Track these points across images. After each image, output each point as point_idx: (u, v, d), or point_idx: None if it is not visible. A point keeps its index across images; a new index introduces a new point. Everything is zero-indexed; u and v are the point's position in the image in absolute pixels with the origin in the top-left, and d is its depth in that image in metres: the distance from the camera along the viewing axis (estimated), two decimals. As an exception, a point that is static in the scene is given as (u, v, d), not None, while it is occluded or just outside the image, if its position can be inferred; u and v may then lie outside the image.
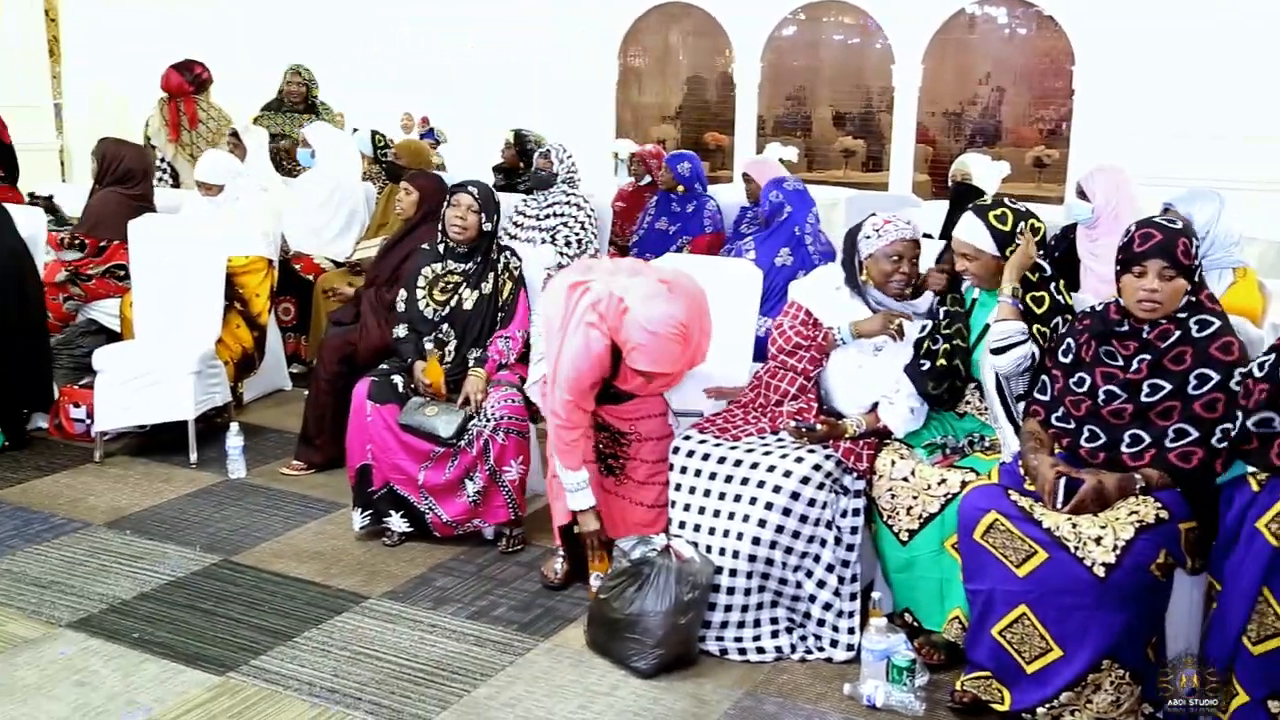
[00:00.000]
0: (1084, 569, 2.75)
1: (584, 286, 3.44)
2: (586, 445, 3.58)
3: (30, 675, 3.13)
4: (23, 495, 4.47)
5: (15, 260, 4.96)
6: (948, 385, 3.38)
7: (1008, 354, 3.16)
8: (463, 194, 4.13)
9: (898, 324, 3.49)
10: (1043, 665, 2.85)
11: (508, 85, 10.05)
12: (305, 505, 4.43)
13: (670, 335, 3.25)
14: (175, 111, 6.86)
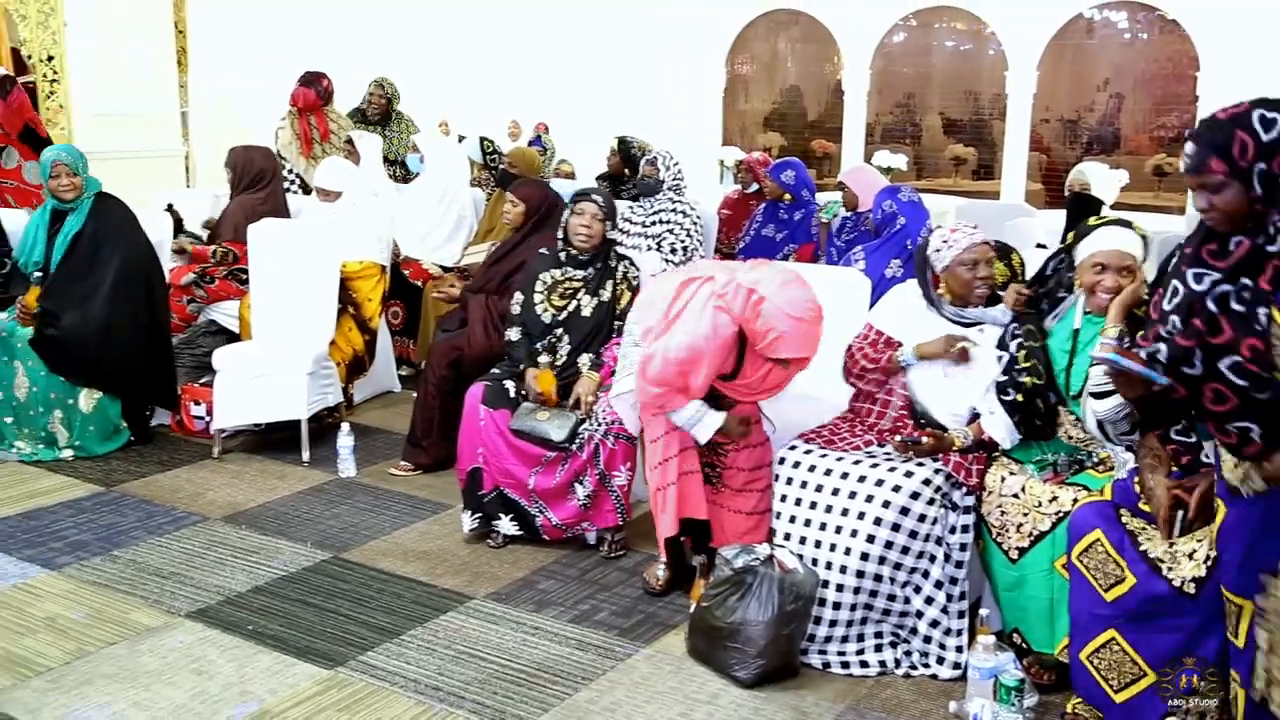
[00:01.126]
0: (1172, 588, 2.65)
1: (703, 279, 3.45)
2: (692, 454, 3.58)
3: (152, 662, 3.25)
4: (146, 489, 4.64)
5: (143, 262, 5.15)
6: (1030, 419, 3.28)
7: (1108, 400, 3.01)
8: (588, 203, 4.17)
9: (960, 346, 3.40)
10: (1134, 693, 2.75)
11: (615, 93, 10.11)
12: (412, 505, 4.51)
13: (813, 318, 3.26)
14: (307, 126, 7.03)
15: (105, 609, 3.57)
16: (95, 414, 5.01)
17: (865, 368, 3.51)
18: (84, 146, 5.95)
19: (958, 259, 3.43)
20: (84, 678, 3.15)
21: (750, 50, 11.56)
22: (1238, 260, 2.27)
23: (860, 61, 9.67)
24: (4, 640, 3.35)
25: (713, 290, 3.40)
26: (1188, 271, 2.36)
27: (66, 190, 5.02)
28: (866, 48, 9.65)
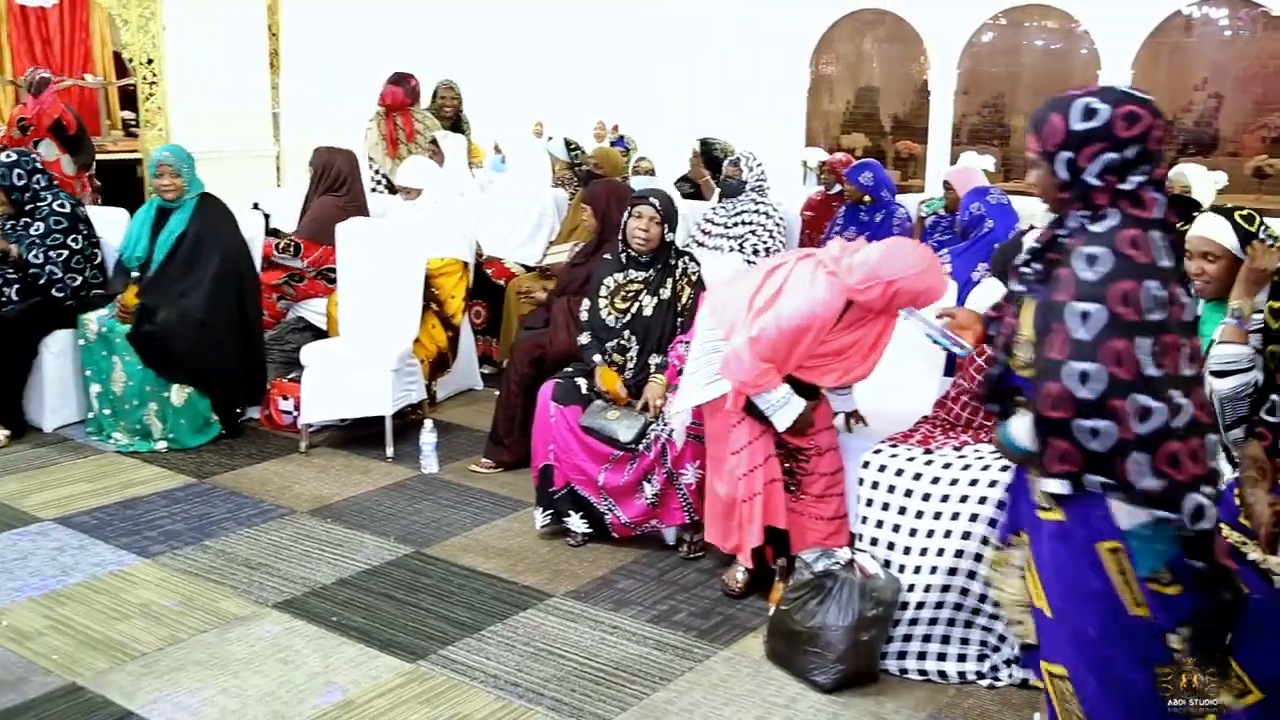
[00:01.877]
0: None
1: (796, 258, 3.48)
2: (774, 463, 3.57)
3: (240, 650, 3.32)
4: (236, 481, 4.75)
5: (238, 260, 5.27)
6: None
7: (1229, 379, 2.95)
8: (645, 205, 4.16)
9: None
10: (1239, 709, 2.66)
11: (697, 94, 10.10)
12: (493, 502, 4.55)
13: (928, 263, 3.30)
14: (393, 126, 7.14)
15: (196, 597, 3.67)
16: (187, 407, 5.14)
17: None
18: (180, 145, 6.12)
19: None
20: (176, 664, 3.24)
21: (835, 50, 11.47)
22: (1036, 245, 2.29)
23: (947, 61, 9.53)
24: (101, 625, 3.46)
25: (818, 261, 3.40)
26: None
27: (168, 190, 5.16)
28: (954, 47, 9.51)
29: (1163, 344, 2.06)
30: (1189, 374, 2.08)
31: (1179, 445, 2.05)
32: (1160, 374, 2.05)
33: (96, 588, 3.72)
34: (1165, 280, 2.11)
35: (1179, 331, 2.09)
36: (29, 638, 3.37)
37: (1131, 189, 2.19)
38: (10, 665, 3.20)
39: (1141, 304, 2.08)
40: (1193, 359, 2.12)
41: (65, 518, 4.29)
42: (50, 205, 5.28)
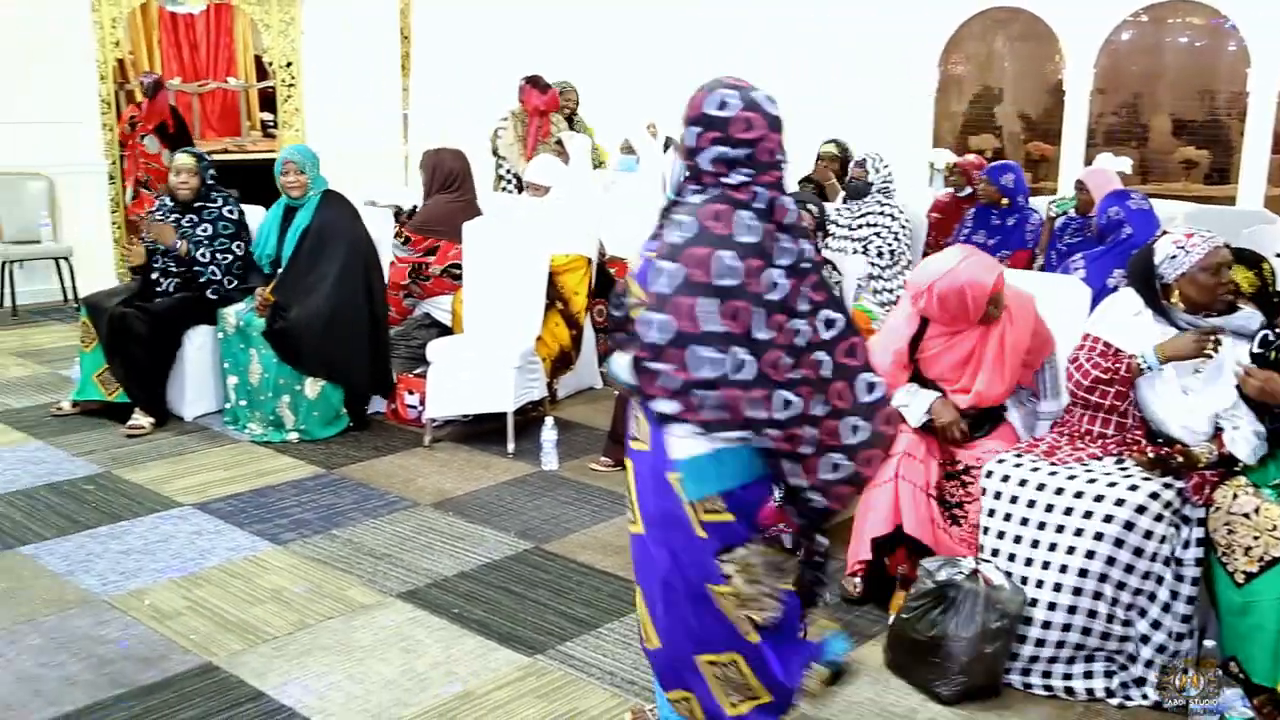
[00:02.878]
0: None
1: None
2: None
3: (365, 638, 3.41)
4: (363, 473, 4.88)
5: (363, 256, 5.41)
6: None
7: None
8: (802, 211, 4.12)
9: (1213, 341, 3.18)
10: None
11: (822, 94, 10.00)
12: (611, 501, 4.58)
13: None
14: (535, 130, 7.25)
15: (324, 584, 3.78)
16: (319, 400, 5.29)
17: (1098, 379, 3.32)
18: (314, 146, 6.32)
19: (1200, 265, 3.21)
20: (304, 648, 3.34)
21: (964, 49, 11.23)
22: (662, 206, 2.52)
23: (1084, 60, 9.24)
24: (236, 608, 3.59)
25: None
26: None
27: (293, 187, 5.34)
28: (1091, 45, 9.21)
29: (731, 307, 2.29)
30: (763, 338, 2.30)
31: (740, 393, 2.29)
32: (723, 330, 2.28)
33: (232, 571, 3.86)
34: (743, 253, 2.34)
35: (752, 301, 2.31)
36: (169, 617, 3.51)
37: (734, 184, 2.41)
38: (152, 643, 3.35)
39: (712, 269, 2.31)
40: (783, 330, 2.34)
41: (203, 503, 4.46)
42: (220, 209, 5.51)
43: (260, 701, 3.04)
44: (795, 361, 2.34)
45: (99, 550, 4.00)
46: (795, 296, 2.40)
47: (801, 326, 2.37)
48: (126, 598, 3.64)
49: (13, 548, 4.01)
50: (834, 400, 2.39)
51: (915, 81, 10.01)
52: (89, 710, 2.99)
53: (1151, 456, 3.15)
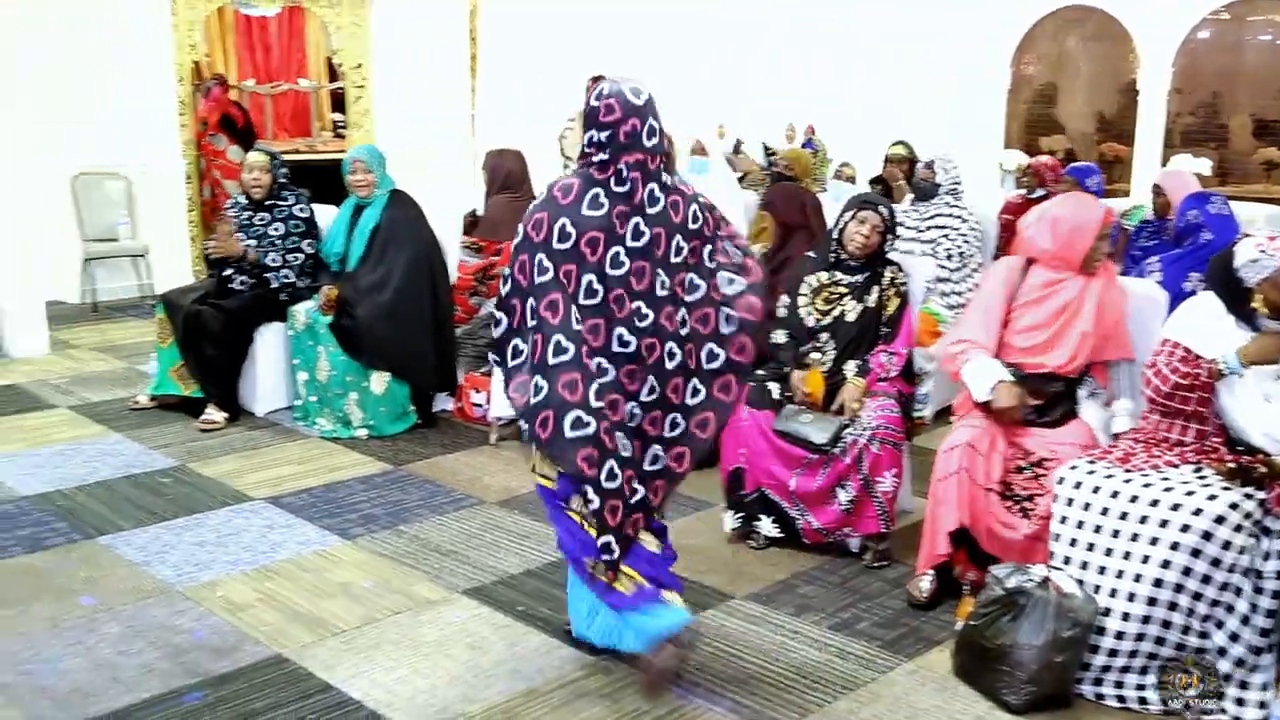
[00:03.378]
0: None
1: None
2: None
3: (431, 633, 3.45)
4: (429, 470, 4.93)
5: (428, 254, 5.46)
6: None
7: None
8: (872, 213, 4.09)
9: None
10: None
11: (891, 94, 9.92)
12: (676, 502, 4.55)
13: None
14: None
15: (392, 580, 3.82)
16: (385, 397, 5.36)
17: (1178, 384, 3.25)
18: (382, 146, 6.40)
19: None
20: (372, 642, 3.38)
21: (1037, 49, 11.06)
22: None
23: (1160, 59, 9.07)
24: (306, 601, 3.64)
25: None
26: None
27: (361, 186, 5.42)
28: (1168, 44, 9.04)
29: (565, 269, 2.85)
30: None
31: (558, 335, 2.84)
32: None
33: (302, 565, 3.92)
34: (575, 221, 2.85)
35: (581, 267, 2.85)
36: (241, 608, 3.58)
37: (598, 163, 2.90)
38: (224, 633, 3.42)
39: (530, 228, 2.90)
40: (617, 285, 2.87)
41: (275, 498, 4.54)
42: (291, 208, 5.61)
43: (329, 694, 3.09)
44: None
45: (174, 541, 4.09)
46: (642, 278, 2.90)
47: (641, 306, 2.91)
48: (200, 589, 3.72)
49: (92, 538, 4.11)
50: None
51: (986, 81, 9.89)
52: (165, 698, 3.05)
53: (1232, 466, 3.08)
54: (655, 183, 2.90)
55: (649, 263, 2.88)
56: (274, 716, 2.97)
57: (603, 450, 2.87)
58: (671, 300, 2.96)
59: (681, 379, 2.99)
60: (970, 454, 3.49)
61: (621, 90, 2.89)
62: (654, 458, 2.99)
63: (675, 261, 2.96)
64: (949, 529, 3.49)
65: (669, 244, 2.95)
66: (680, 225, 2.96)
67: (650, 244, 2.88)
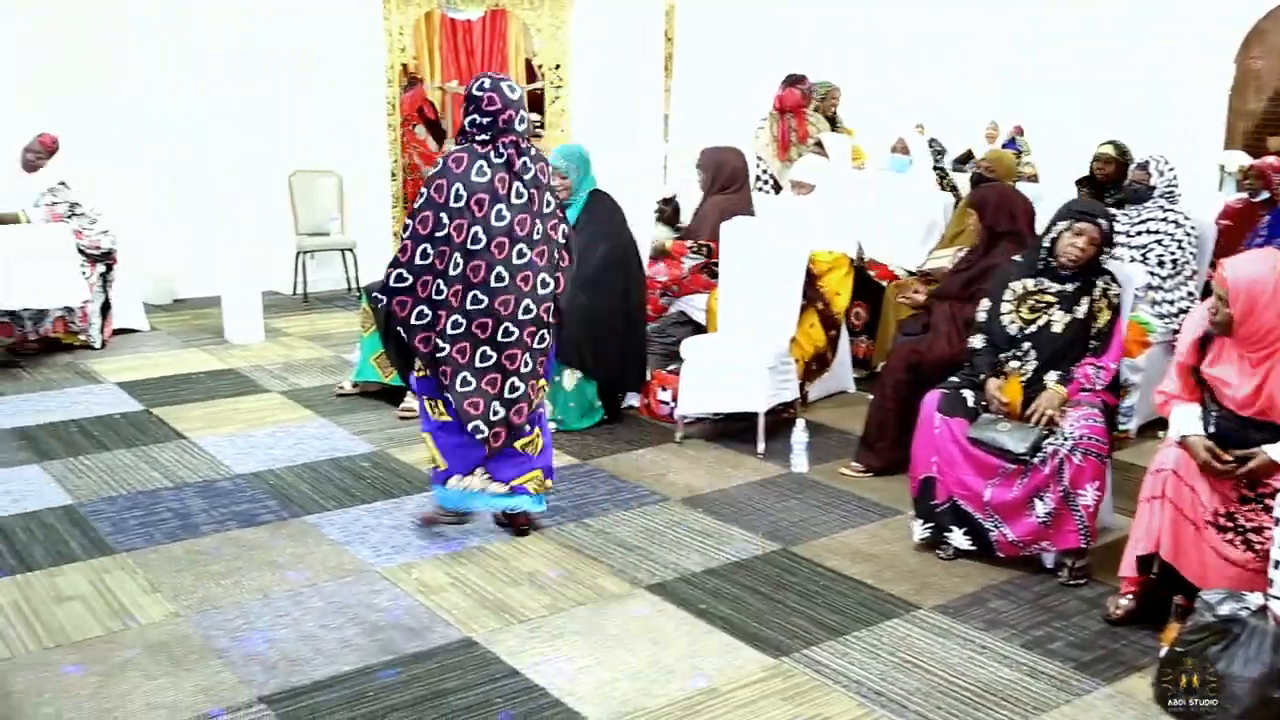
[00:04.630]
0: None
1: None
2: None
3: (614, 626, 3.49)
4: (615, 465, 5.00)
5: (624, 254, 5.53)
6: None
7: None
8: (1090, 225, 3.88)
9: None
10: None
11: (1100, 92, 9.47)
12: (862, 507, 4.50)
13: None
14: (785, 129, 7.23)
15: (576, 571, 3.89)
16: (575, 392, 5.45)
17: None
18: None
19: None
20: (557, 631, 3.45)
21: (1267, 42, 10.35)
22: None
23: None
24: (494, 588, 3.75)
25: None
26: None
27: (559, 191, 5.52)
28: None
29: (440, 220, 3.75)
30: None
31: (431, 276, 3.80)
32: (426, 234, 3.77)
33: (491, 553, 4.04)
34: (466, 185, 3.74)
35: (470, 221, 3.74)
36: (434, 591, 3.71)
37: (480, 141, 3.78)
38: (417, 614, 3.55)
39: (434, 191, 3.76)
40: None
41: (467, 486, 4.69)
42: None
43: (515, 679, 3.17)
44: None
45: (373, 524, 4.28)
46: (525, 226, 3.81)
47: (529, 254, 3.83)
48: (396, 570, 3.87)
49: (299, 516, 4.34)
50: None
51: (1206, 78, 9.33)
52: (361, 672, 3.19)
53: None
54: (525, 156, 3.83)
55: (529, 216, 3.84)
56: (463, 697, 3.07)
57: (455, 366, 3.82)
58: (545, 241, 3.91)
59: (551, 304, 3.95)
60: (1176, 484, 3.29)
61: (500, 86, 3.78)
62: (526, 362, 3.91)
63: (545, 212, 3.92)
64: (1139, 553, 3.31)
65: (541, 199, 3.89)
66: (546, 184, 3.94)
67: (529, 201, 3.84)
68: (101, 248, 6.92)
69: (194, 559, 3.93)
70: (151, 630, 3.42)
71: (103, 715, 2.95)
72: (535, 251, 3.85)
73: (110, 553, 3.97)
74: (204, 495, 4.54)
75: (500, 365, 3.85)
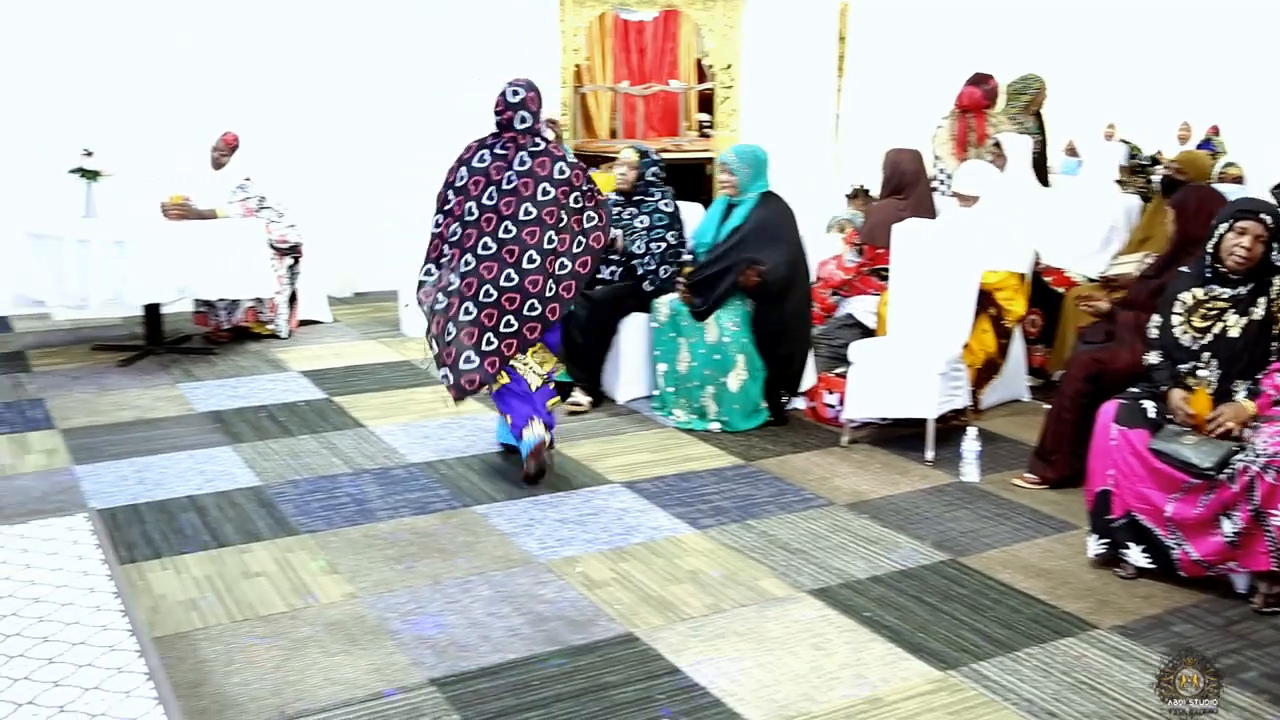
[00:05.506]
0: None
1: None
2: None
3: (776, 629, 3.47)
4: (779, 467, 4.96)
5: (790, 256, 5.47)
6: None
7: None
8: (1251, 221, 3.68)
9: None
10: None
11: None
12: (1035, 520, 4.35)
13: None
14: (964, 129, 7.05)
15: (739, 572, 3.88)
16: (740, 393, 5.44)
17: None
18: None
19: None
20: (718, 631, 3.45)
21: None
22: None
23: None
24: (656, 584, 3.77)
25: None
26: None
27: (726, 187, 5.54)
28: None
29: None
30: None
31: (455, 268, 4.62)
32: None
33: (654, 550, 4.07)
34: (469, 168, 4.61)
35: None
36: (598, 585, 3.76)
37: (490, 134, 4.64)
38: (582, 607, 3.60)
39: (450, 172, 4.68)
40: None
41: (631, 482, 4.73)
42: (657, 203, 5.86)
43: (676, 677, 3.18)
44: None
45: (539, 516, 4.36)
46: (510, 207, 4.53)
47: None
48: (561, 563, 3.94)
49: (469, 506, 4.46)
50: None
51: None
52: (527, 661, 3.26)
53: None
54: (524, 151, 4.57)
55: (515, 198, 4.52)
56: (624, 692, 3.10)
57: (445, 318, 4.54)
58: (537, 223, 4.52)
59: (540, 277, 4.52)
60: None
61: (506, 91, 4.60)
62: (508, 323, 4.50)
63: (542, 199, 4.53)
64: None
65: (536, 187, 4.54)
66: (546, 176, 4.56)
67: (518, 187, 4.53)
68: (289, 241, 7.27)
69: (370, 543, 4.09)
70: (330, 609, 3.57)
71: (284, 687, 3.10)
72: (525, 230, 4.50)
73: (293, 533, 4.17)
74: (380, 482, 4.71)
75: (479, 321, 4.48)
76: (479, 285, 4.48)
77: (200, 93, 7.95)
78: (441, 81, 8.56)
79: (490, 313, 4.49)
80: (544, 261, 4.52)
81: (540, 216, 4.52)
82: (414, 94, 8.49)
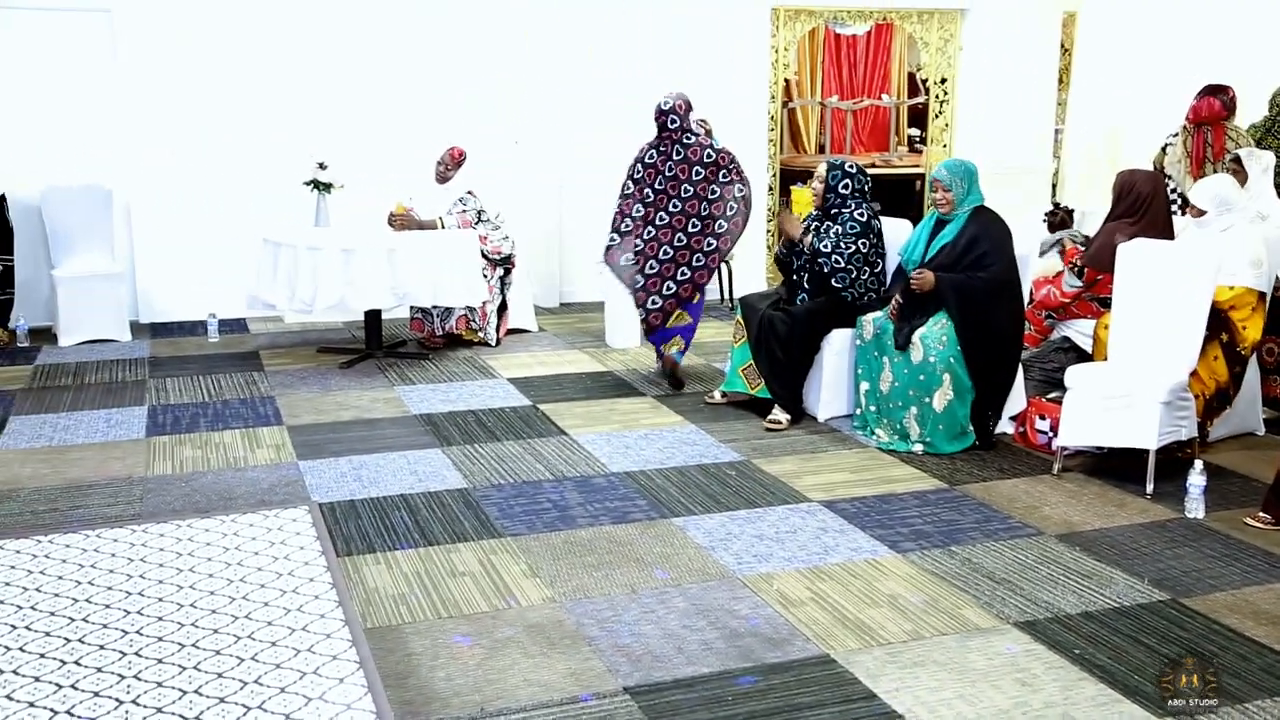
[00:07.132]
0: None
1: None
2: None
3: (979, 661, 3.34)
4: (985, 492, 4.79)
5: (1000, 274, 5.28)
6: None
7: None
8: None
9: None
10: None
11: None
12: (1270, 562, 4.05)
13: None
14: (1201, 144, 6.66)
15: (940, 599, 3.76)
16: (945, 414, 5.29)
17: None
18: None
19: None
20: (917, 659, 3.35)
21: None
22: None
23: None
24: (854, 607, 3.70)
25: None
26: None
27: (940, 204, 5.39)
28: None
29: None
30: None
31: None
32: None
33: (852, 571, 3.99)
34: (642, 162, 6.28)
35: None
36: (794, 604, 3.72)
37: (655, 136, 6.23)
38: (777, 625, 3.57)
39: (630, 164, 6.37)
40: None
41: (830, 502, 4.67)
42: (851, 213, 5.78)
43: (872, 703, 3.11)
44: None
45: (737, 531, 4.35)
46: (676, 188, 6.19)
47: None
48: (757, 579, 3.92)
49: (667, 517, 4.49)
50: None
51: None
52: (720, 676, 3.25)
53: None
54: (677, 145, 6.11)
55: (676, 182, 6.10)
56: (818, 714, 3.05)
57: (634, 273, 6.21)
58: (695, 197, 6.12)
59: (700, 236, 6.14)
60: None
61: (659, 102, 6.15)
62: (682, 273, 6.19)
63: (695, 179, 6.11)
64: None
65: (690, 170, 6.10)
66: (697, 160, 6.11)
67: (677, 173, 6.10)
68: (502, 253, 7.52)
69: (570, 548, 4.17)
70: (530, 612, 3.66)
71: (485, 685, 3.19)
72: (687, 204, 6.14)
73: (497, 536, 4.30)
74: (581, 489, 4.80)
75: (661, 273, 6.18)
76: (659, 247, 6.15)
77: (426, 108, 8.34)
78: (647, 95, 8.68)
79: (668, 267, 6.18)
80: (704, 226, 6.14)
81: (696, 193, 6.13)
82: (634, 113, 8.65)
